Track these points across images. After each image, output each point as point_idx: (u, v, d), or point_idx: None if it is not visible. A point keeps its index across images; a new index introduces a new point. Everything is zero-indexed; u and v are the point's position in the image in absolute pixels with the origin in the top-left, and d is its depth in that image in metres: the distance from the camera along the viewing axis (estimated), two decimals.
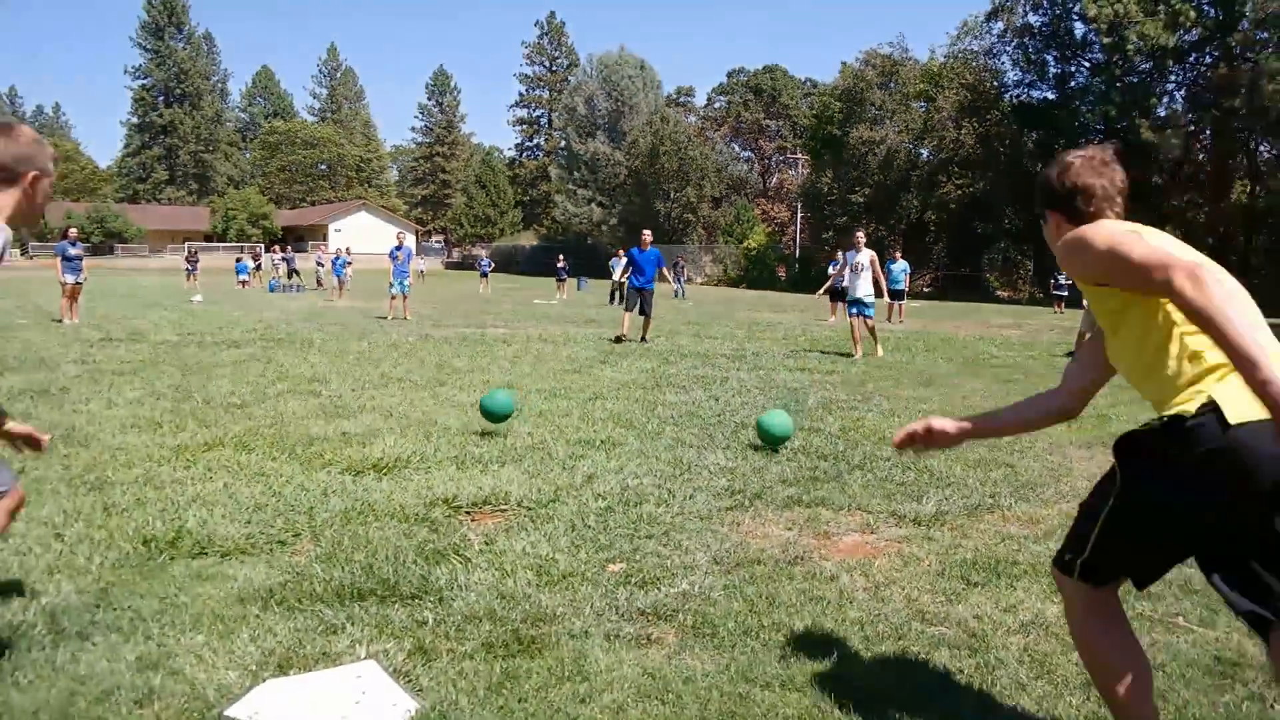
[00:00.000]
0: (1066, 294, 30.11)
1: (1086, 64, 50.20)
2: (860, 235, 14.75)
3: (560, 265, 37.58)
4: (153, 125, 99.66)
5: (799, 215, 62.17)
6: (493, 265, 42.45)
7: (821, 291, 17.41)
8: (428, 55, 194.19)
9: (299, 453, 6.09)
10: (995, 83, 53.02)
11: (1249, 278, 44.76)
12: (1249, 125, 43.23)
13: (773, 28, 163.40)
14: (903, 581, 3.97)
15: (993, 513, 5.10)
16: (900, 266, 22.94)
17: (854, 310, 14.08)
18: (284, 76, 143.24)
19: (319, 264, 37.48)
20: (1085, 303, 14.98)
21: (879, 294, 14.86)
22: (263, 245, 57.96)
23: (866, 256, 14.33)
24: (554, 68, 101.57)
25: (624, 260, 29.66)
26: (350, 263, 30.84)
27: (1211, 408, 2.12)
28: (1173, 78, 47.37)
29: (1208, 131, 46.19)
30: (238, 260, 40.49)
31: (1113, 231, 2.32)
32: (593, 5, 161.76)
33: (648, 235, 16.18)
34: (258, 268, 41.18)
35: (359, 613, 3.47)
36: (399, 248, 19.99)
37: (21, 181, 2.89)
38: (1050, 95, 51.37)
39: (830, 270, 23.16)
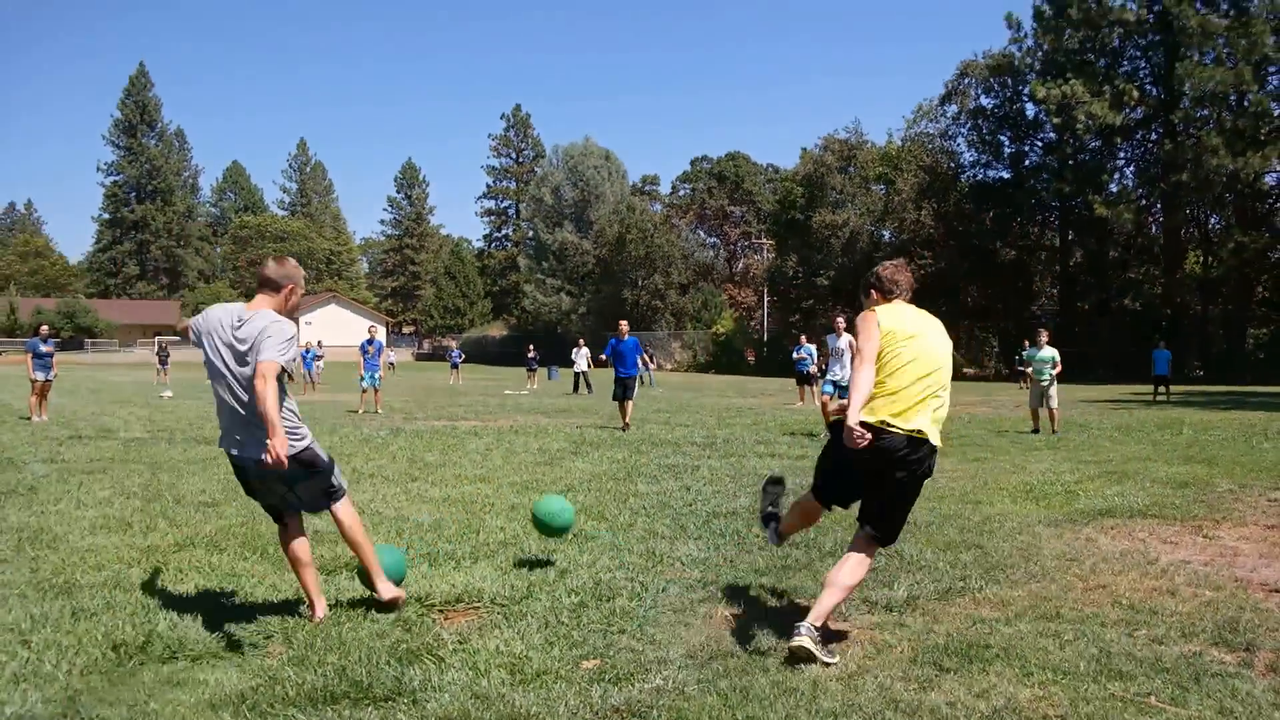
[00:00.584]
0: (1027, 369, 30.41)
1: (1039, 143, 51.74)
2: (840, 320, 15.01)
3: (530, 355, 37.64)
4: (124, 221, 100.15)
5: (766, 299, 62.87)
6: (463, 356, 42.46)
7: (820, 380, 17.46)
8: (396, 148, 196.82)
9: (270, 553, 6.05)
10: (952, 164, 54.36)
11: (1207, 346, 45.77)
12: (1196, 198, 44.51)
13: (734, 116, 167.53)
14: (876, 670, 3.99)
15: (964, 596, 5.14)
16: None
17: (829, 389, 14.40)
18: (254, 171, 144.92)
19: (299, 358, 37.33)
20: (1031, 379, 15.38)
21: None
22: None
23: (845, 341, 14.60)
24: (520, 159, 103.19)
25: (584, 350, 30.07)
26: (321, 355, 30.77)
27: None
28: (1122, 154, 48.88)
29: (1158, 205, 47.50)
30: None
31: (865, 317, 4.36)
32: (558, 97, 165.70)
33: (625, 325, 16.66)
34: None
35: (332, 716, 3.45)
36: (370, 341, 20.02)
37: (283, 292, 4.51)
38: (1006, 174, 52.75)
39: (795, 354, 23.40)
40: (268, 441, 4.06)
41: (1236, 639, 4.39)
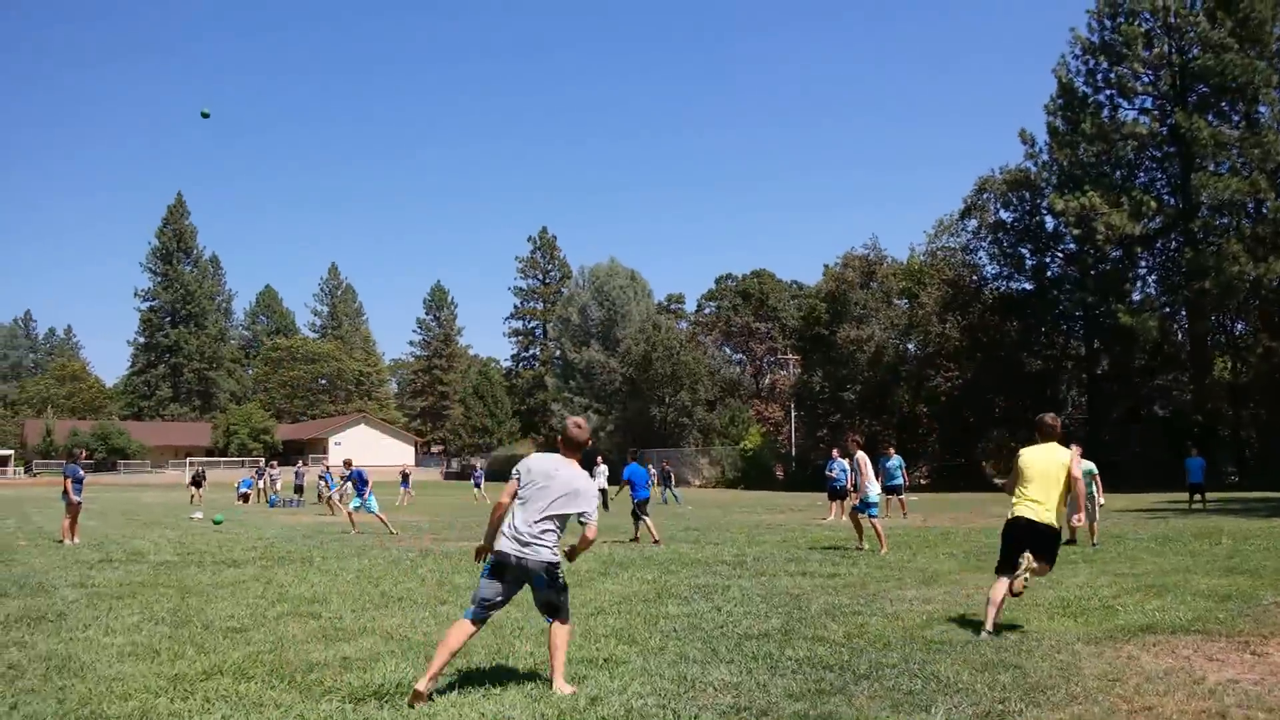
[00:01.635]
0: None
1: (1060, 254, 51.98)
2: (850, 440, 15.78)
3: None
4: (159, 345, 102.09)
5: (793, 414, 62.71)
6: (483, 475, 43.08)
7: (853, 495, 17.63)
8: (425, 271, 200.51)
9: (299, 680, 6.01)
10: (975, 277, 54.67)
11: (1241, 451, 44.98)
12: (1220, 305, 44.34)
13: (758, 234, 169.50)
14: None
15: None
16: (895, 462, 23.09)
17: (859, 508, 14.90)
18: (286, 294, 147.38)
19: (321, 478, 37.51)
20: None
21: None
22: (263, 459, 58.61)
23: (860, 458, 15.11)
24: (547, 280, 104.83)
25: (603, 468, 30.06)
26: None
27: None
28: (1143, 263, 48.91)
29: (1182, 312, 47.32)
30: (246, 477, 41.04)
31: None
32: (584, 219, 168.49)
33: (630, 452, 17.46)
34: (260, 486, 41.52)
35: None
36: (357, 474, 20.49)
37: (580, 449, 5.93)
38: (1028, 286, 52.94)
39: (828, 471, 23.46)
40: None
41: None
